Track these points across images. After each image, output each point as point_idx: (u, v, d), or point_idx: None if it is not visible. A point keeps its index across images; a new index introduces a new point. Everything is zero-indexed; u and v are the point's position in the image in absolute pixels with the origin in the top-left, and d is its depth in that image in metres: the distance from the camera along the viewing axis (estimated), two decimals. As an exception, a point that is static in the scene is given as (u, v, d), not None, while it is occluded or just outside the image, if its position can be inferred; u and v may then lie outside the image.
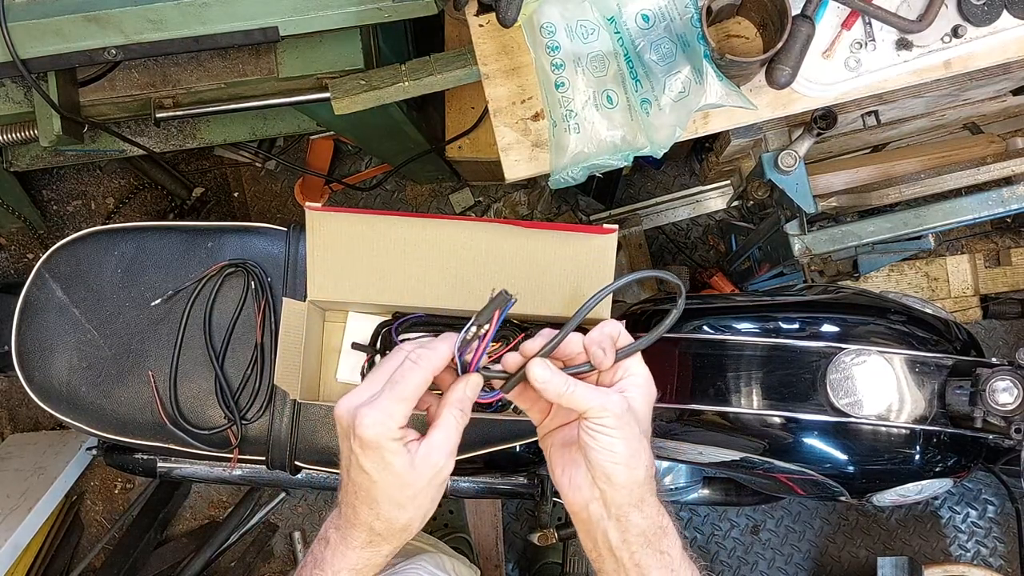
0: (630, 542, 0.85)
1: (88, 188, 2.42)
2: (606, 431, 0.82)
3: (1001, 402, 1.17)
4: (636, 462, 0.83)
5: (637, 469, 0.84)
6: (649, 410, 0.87)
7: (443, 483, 0.84)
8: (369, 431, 0.78)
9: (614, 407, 0.82)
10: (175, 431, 1.38)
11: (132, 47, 1.35)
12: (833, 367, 1.27)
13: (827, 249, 1.58)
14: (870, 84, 1.18)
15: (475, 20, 1.24)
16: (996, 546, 2.15)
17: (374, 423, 0.78)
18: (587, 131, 1.16)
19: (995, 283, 2.13)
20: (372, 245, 1.26)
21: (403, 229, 1.25)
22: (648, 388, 0.87)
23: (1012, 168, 1.54)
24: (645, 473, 0.85)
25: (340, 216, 1.25)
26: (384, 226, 1.25)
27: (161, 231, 1.44)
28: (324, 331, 1.40)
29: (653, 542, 0.86)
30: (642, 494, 0.85)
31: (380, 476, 0.80)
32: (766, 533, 2.19)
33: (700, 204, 2.26)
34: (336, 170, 2.36)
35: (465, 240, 1.24)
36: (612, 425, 0.82)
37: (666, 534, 0.87)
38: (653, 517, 0.86)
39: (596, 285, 1.22)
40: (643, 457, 0.84)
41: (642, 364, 0.88)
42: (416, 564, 1.36)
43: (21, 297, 1.41)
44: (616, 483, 0.84)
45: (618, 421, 0.82)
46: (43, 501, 2.06)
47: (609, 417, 0.82)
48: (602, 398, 0.83)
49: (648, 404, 0.87)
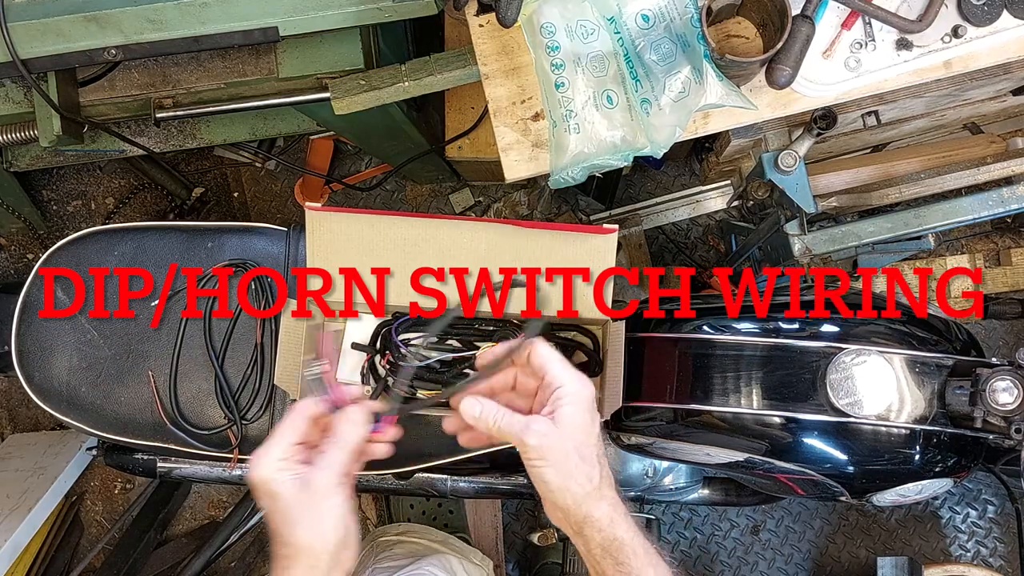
0: (593, 552, 0.90)
1: (88, 188, 2.41)
2: (532, 463, 0.87)
3: (1001, 402, 1.17)
4: (569, 482, 0.87)
5: (572, 489, 0.87)
6: (587, 415, 0.89)
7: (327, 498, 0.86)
8: (253, 472, 0.87)
9: (532, 439, 0.86)
10: (175, 431, 1.38)
11: (132, 47, 1.35)
12: (833, 367, 1.27)
13: (827, 249, 1.58)
14: (870, 84, 1.18)
15: (475, 20, 1.24)
16: (996, 546, 2.15)
17: (256, 466, 0.87)
18: (587, 131, 1.16)
19: (995, 283, 2.13)
20: (372, 245, 1.26)
21: (403, 229, 1.25)
22: (580, 395, 0.89)
23: (1012, 168, 1.54)
24: (583, 489, 0.88)
25: (340, 216, 1.25)
26: (384, 226, 1.25)
27: (161, 231, 1.44)
28: (326, 332, 1.39)
29: (611, 552, 0.90)
30: (586, 511, 0.88)
31: (275, 505, 0.87)
32: (766, 533, 2.19)
33: (700, 204, 2.26)
34: (336, 170, 2.36)
35: (466, 240, 1.24)
36: (536, 456, 0.86)
37: (621, 546, 0.89)
38: (605, 530, 0.89)
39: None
40: (577, 475, 0.87)
41: (568, 371, 0.90)
42: (422, 568, 1.37)
43: (21, 297, 1.41)
44: (559, 506, 0.88)
45: (538, 451, 0.86)
46: (43, 501, 2.06)
47: (530, 449, 0.86)
48: (522, 430, 0.86)
49: (584, 410, 0.89)
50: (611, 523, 0.89)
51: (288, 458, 0.88)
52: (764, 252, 1.84)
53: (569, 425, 0.87)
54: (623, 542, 0.89)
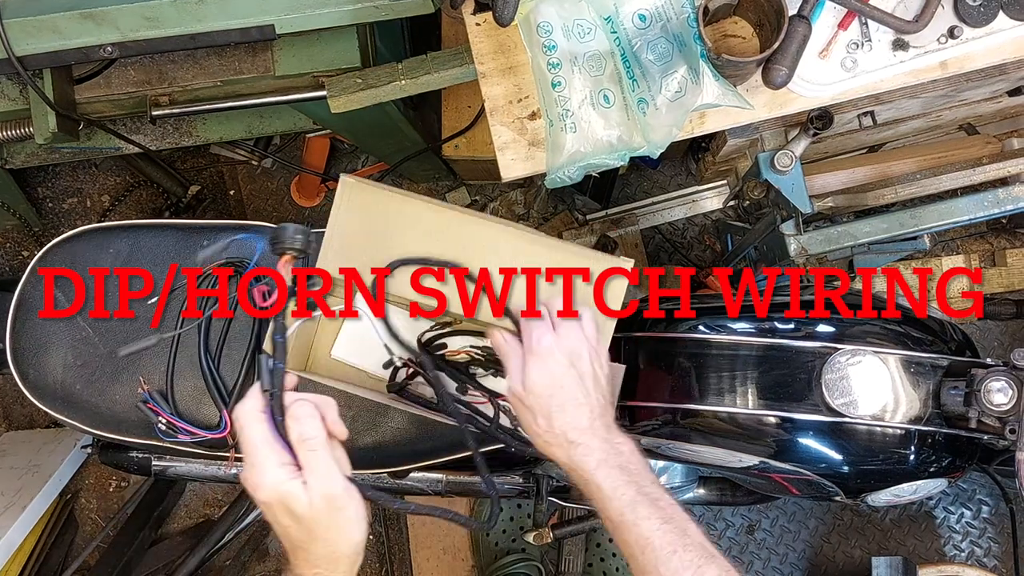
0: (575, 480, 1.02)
1: (83, 186, 2.41)
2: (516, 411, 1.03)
3: (996, 403, 1.17)
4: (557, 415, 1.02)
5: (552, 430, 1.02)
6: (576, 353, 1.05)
7: (351, 505, 0.87)
8: (262, 494, 0.85)
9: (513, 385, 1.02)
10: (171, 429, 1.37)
11: (128, 44, 1.35)
12: (828, 367, 1.27)
13: (823, 249, 1.58)
14: (866, 84, 1.18)
15: (472, 19, 1.24)
16: (990, 546, 2.15)
17: (261, 487, 0.85)
18: (584, 130, 1.16)
19: (990, 284, 2.13)
20: (394, 228, 1.21)
21: (431, 217, 1.20)
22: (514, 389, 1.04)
23: (1008, 169, 1.54)
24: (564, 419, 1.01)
25: (373, 190, 1.20)
26: (412, 210, 1.20)
27: (156, 229, 1.43)
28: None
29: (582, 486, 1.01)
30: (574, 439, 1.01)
31: (288, 522, 0.86)
32: (761, 533, 2.20)
33: (696, 204, 2.26)
34: (332, 168, 2.36)
35: (488, 241, 1.19)
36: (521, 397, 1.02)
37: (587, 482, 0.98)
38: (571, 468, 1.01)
39: (599, 318, 1.21)
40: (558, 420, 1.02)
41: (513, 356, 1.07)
42: None
43: (16, 294, 1.40)
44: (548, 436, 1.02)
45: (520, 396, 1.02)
46: (37, 499, 2.06)
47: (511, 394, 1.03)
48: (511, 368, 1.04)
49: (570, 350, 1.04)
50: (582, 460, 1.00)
51: (285, 462, 0.86)
52: (760, 252, 1.84)
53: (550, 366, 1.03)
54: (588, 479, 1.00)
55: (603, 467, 0.97)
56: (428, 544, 2.19)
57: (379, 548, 2.22)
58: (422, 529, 2.19)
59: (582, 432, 1.00)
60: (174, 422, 1.35)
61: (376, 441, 1.37)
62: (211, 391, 1.36)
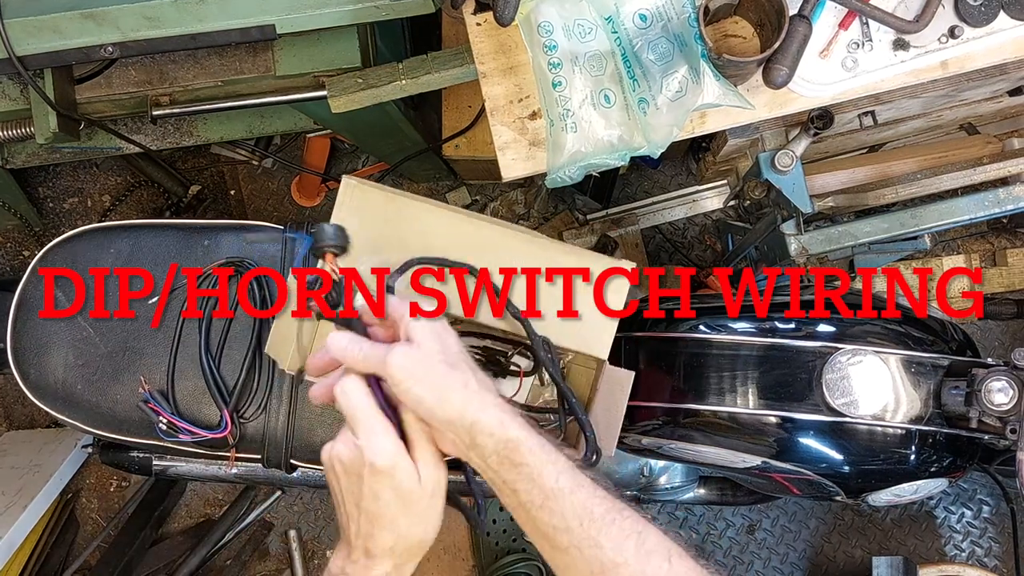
0: (490, 464, 0.85)
1: (84, 185, 2.41)
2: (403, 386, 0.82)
3: (996, 402, 1.17)
4: (445, 392, 0.83)
5: (451, 398, 0.83)
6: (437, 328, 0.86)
7: (443, 492, 0.86)
8: (382, 459, 0.82)
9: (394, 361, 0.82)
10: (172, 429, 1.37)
11: (129, 44, 1.35)
12: (829, 367, 1.28)
13: (823, 249, 1.58)
14: (867, 84, 1.18)
15: (472, 19, 1.24)
16: (991, 546, 2.15)
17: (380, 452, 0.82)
18: (584, 130, 1.16)
19: (991, 283, 2.13)
20: (395, 229, 1.21)
21: (432, 219, 1.20)
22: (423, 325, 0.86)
23: (1008, 169, 1.54)
24: (462, 395, 0.84)
25: (375, 191, 1.20)
26: (413, 211, 1.20)
27: (157, 229, 1.44)
28: None
29: (506, 456, 0.84)
30: (472, 416, 0.83)
31: (393, 496, 0.83)
32: (762, 532, 2.20)
33: (697, 203, 2.26)
34: (333, 168, 2.36)
35: (488, 242, 1.20)
36: (403, 377, 0.82)
37: (516, 445, 0.84)
38: (496, 433, 0.84)
39: (600, 318, 1.20)
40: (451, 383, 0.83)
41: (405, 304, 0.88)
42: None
43: (17, 294, 1.40)
44: (445, 422, 0.83)
45: (407, 370, 0.82)
46: (38, 499, 2.06)
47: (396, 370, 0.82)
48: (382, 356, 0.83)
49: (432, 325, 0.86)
50: (501, 424, 0.84)
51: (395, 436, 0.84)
52: (760, 252, 1.84)
53: (423, 341, 0.85)
54: (518, 440, 0.84)
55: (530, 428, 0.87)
56: (428, 544, 2.18)
57: (380, 548, 2.21)
58: (423, 529, 2.19)
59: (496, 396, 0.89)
60: (175, 422, 1.35)
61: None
62: (212, 391, 1.36)
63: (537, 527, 0.86)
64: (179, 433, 1.36)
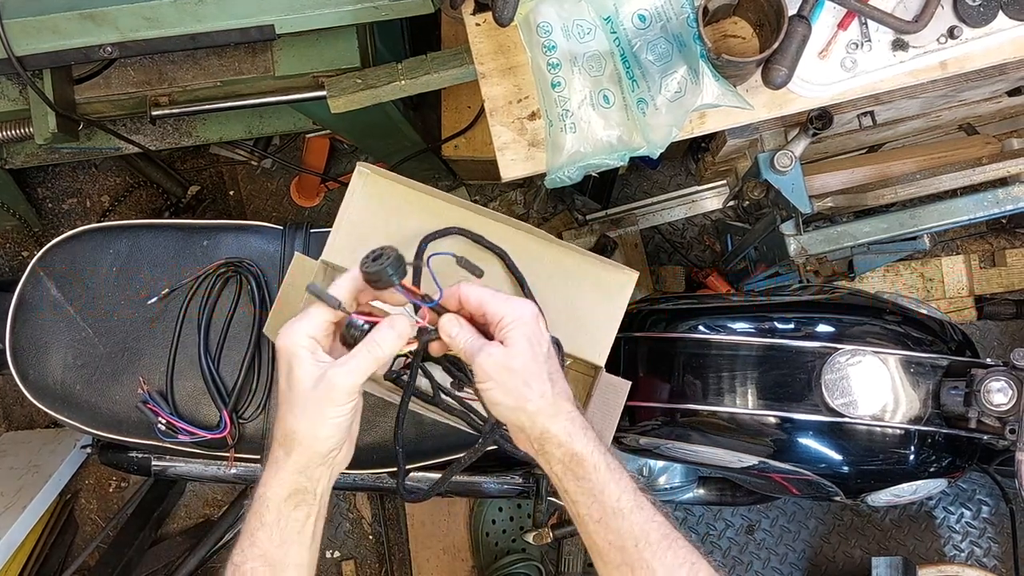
0: (555, 472, 0.90)
1: (83, 186, 2.41)
2: (482, 386, 0.89)
3: (995, 403, 1.17)
4: (522, 401, 0.88)
5: (526, 407, 0.88)
6: (532, 335, 0.90)
7: (336, 405, 0.87)
8: (281, 340, 0.89)
9: (481, 361, 0.88)
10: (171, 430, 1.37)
11: (128, 44, 1.35)
12: (828, 367, 1.28)
13: (823, 249, 1.58)
14: (866, 85, 1.18)
15: (471, 19, 1.24)
16: (990, 546, 2.15)
17: (283, 335, 0.88)
18: (583, 131, 1.16)
19: (990, 284, 2.13)
20: (403, 221, 1.20)
21: (441, 213, 1.20)
22: (521, 319, 0.90)
23: (1007, 169, 1.54)
24: (537, 405, 0.88)
25: (387, 181, 1.20)
26: (424, 203, 1.20)
27: (156, 229, 1.44)
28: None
29: (570, 468, 0.89)
30: (543, 426, 0.89)
31: (287, 382, 0.88)
32: (761, 533, 2.20)
33: (696, 204, 2.26)
34: (332, 168, 2.36)
35: (496, 238, 1.20)
36: (483, 378, 0.88)
37: (580, 460, 0.89)
38: (564, 445, 0.89)
39: (602, 319, 1.19)
40: (529, 393, 0.88)
41: (505, 301, 0.91)
42: None
43: (16, 295, 1.40)
44: (517, 426, 0.90)
45: (487, 373, 0.88)
46: (37, 499, 2.05)
47: (478, 370, 0.88)
48: (475, 353, 0.89)
49: (527, 332, 0.90)
50: (568, 437, 0.89)
51: (316, 336, 0.89)
52: (760, 252, 1.84)
53: (516, 345, 0.89)
54: (583, 455, 0.89)
55: (598, 444, 0.91)
56: (428, 544, 2.19)
57: (379, 548, 2.22)
58: (422, 529, 2.19)
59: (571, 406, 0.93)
60: (174, 422, 1.35)
61: (376, 441, 1.37)
62: (211, 391, 1.36)
63: (593, 540, 0.90)
64: (178, 433, 1.36)
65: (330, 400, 0.86)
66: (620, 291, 1.21)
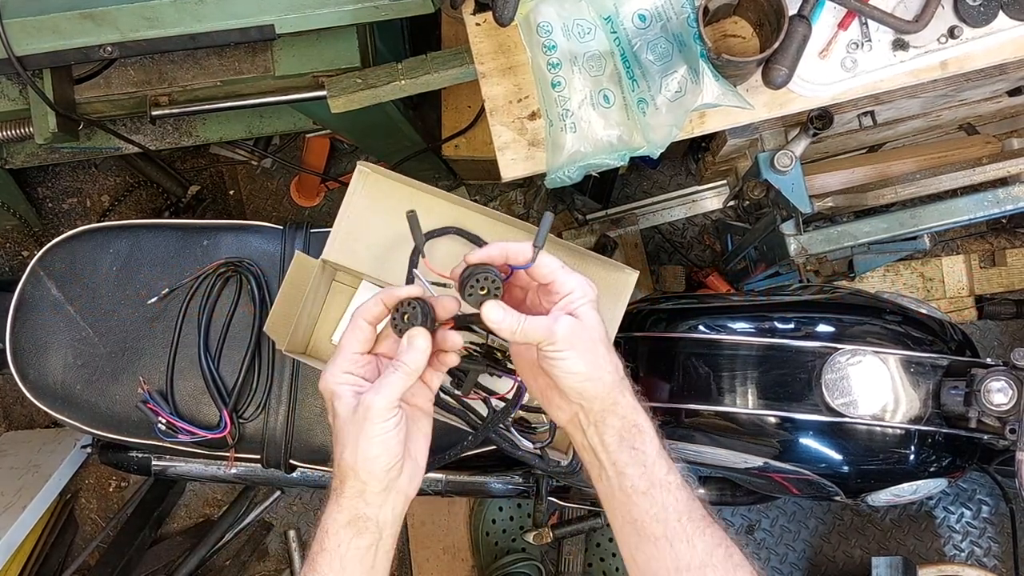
0: (607, 443, 0.91)
1: (83, 186, 2.41)
2: (561, 355, 0.88)
3: (996, 402, 1.17)
4: (599, 371, 0.89)
5: (603, 377, 0.90)
6: (596, 313, 0.92)
7: (377, 423, 0.87)
8: (321, 384, 0.92)
9: (560, 330, 0.87)
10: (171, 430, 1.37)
11: (128, 44, 1.35)
12: (828, 367, 1.28)
13: (823, 249, 1.58)
14: (866, 84, 1.18)
15: (472, 19, 1.24)
16: (990, 546, 2.15)
17: (323, 378, 0.91)
18: (584, 130, 1.16)
19: (990, 284, 2.13)
20: (404, 220, 1.22)
21: (443, 209, 1.20)
22: (586, 294, 0.91)
23: (1008, 169, 1.54)
24: (612, 377, 0.90)
25: (388, 180, 1.20)
26: (425, 202, 1.20)
27: (156, 229, 1.44)
28: (332, 292, 1.37)
29: (627, 439, 0.91)
30: (615, 397, 0.91)
31: (334, 421, 0.90)
32: (761, 532, 2.20)
33: (696, 204, 2.26)
34: (332, 168, 2.36)
35: (496, 237, 1.20)
36: (564, 347, 0.88)
37: (640, 431, 0.91)
38: (628, 417, 0.91)
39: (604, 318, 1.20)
40: (605, 364, 0.90)
41: (574, 276, 0.92)
42: None
43: (16, 294, 1.40)
44: (589, 396, 0.90)
45: (568, 342, 0.88)
46: (37, 499, 2.05)
47: (558, 342, 0.87)
48: (548, 325, 0.88)
49: (593, 308, 0.91)
50: (634, 409, 0.91)
51: (352, 371, 0.91)
52: (760, 252, 1.84)
53: (588, 318, 0.90)
54: (642, 428, 0.91)
55: (653, 420, 0.94)
56: (428, 544, 2.19)
57: (379, 548, 2.21)
58: (422, 529, 2.19)
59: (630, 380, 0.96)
60: (174, 422, 1.35)
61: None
62: (211, 391, 1.36)
63: (631, 512, 0.91)
64: (178, 433, 1.36)
65: (368, 419, 0.87)
66: (620, 291, 1.21)
